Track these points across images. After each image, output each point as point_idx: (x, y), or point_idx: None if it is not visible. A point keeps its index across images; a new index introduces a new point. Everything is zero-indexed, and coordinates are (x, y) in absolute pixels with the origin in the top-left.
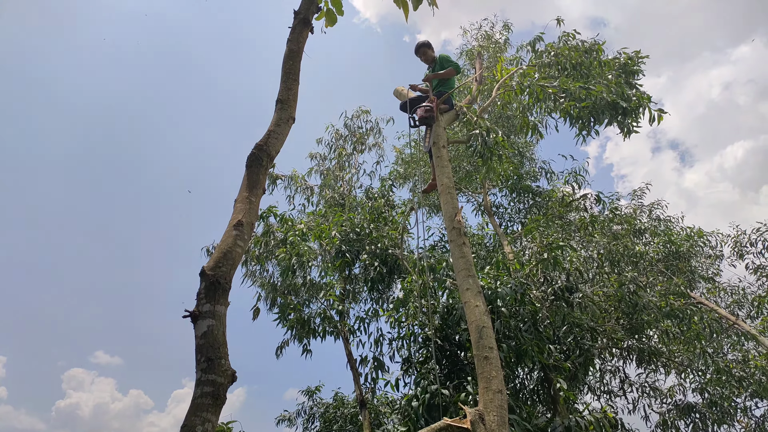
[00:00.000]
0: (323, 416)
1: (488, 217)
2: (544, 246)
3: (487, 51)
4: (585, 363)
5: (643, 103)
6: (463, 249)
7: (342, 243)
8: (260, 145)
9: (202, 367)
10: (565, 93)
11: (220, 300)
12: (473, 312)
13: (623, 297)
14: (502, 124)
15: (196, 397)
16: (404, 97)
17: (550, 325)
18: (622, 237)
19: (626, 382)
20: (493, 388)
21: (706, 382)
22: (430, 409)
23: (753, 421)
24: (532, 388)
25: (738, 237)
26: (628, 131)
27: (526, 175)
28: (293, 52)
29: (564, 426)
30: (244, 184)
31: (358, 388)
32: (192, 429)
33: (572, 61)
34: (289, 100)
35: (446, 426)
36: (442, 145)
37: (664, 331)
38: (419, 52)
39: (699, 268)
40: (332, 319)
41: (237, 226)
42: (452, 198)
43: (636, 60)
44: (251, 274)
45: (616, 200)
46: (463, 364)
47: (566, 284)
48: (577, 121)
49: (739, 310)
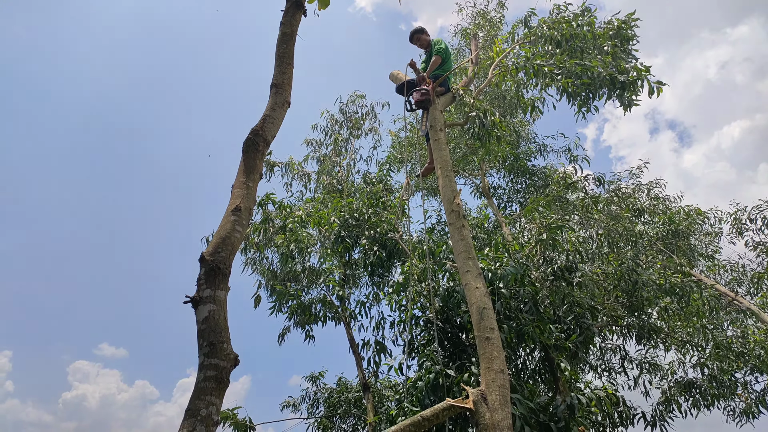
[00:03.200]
0: (327, 401)
1: (486, 199)
2: (543, 227)
3: (483, 29)
4: (585, 341)
5: (642, 75)
6: (463, 231)
7: (341, 228)
8: (256, 130)
9: (204, 351)
10: (561, 69)
11: (220, 285)
12: (474, 294)
13: (622, 275)
14: (498, 104)
15: (200, 381)
16: (400, 81)
17: (550, 305)
18: (622, 217)
19: (626, 359)
20: (495, 368)
21: (706, 358)
22: (434, 390)
23: (753, 395)
24: (534, 368)
25: (737, 214)
26: (629, 104)
27: (523, 155)
28: (286, 36)
29: (566, 404)
30: (241, 169)
31: (360, 372)
32: (196, 412)
33: (564, 33)
34: (284, 84)
35: (449, 406)
36: (439, 128)
37: (664, 307)
38: (414, 38)
39: (698, 247)
40: (333, 305)
41: (235, 212)
42: (450, 181)
43: (629, 23)
44: (251, 261)
45: (617, 180)
46: (465, 346)
47: (566, 264)
48: (576, 97)
49: (738, 287)
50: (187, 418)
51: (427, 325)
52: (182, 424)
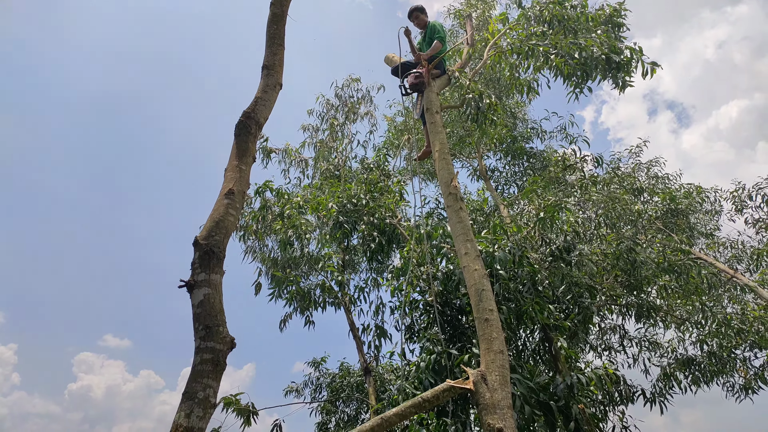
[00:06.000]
0: (330, 386)
1: (484, 181)
2: (541, 208)
3: (476, 10)
4: (584, 321)
5: (636, 56)
6: (460, 214)
7: (339, 214)
8: (248, 112)
9: (200, 335)
10: (555, 49)
11: (215, 269)
12: (472, 276)
13: (621, 254)
14: (493, 86)
15: (196, 364)
16: (395, 64)
17: (549, 285)
18: (620, 197)
19: (626, 337)
20: (495, 348)
21: (705, 335)
22: (435, 372)
23: (752, 371)
24: (534, 348)
25: (737, 192)
26: (623, 85)
27: (519, 137)
28: (276, 16)
29: (566, 383)
30: (234, 152)
31: (362, 356)
32: (193, 395)
33: (555, 13)
34: (275, 65)
35: (450, 387)
36: (435, 111)
37: (663, 286)
38: (412, 16)
39: (698, 225)
40: (332, 290)
41: (228, 195)
42: (447, 164)
43: (620, 11)
44: (251, 249)
45: (617, 160)
46: (465, 328)
47: (564, 245)
48: (570, 78)
49: (738, 264)
50: (185, 400)
51: (426, 309)
52: (180, 407)
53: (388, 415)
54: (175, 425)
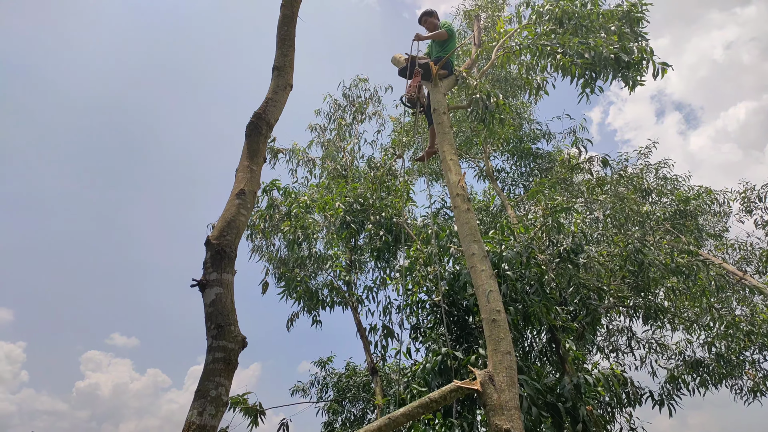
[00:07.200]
0: (336, 385)
1: (491, 182)
2: (548, 209)
3: (485, 10)
4: (592, 322)
5: (646, 56)
6: (467, 214)
7: (346, 214)
8: (259, 113)
9: (212, 334)
10: (563, 49)
11: (226, 268)
12: (479, 276)
13: (628, 256)
14: (500, 86)
15: (208, 363)
16: (401, 64)
17: (556, 286)
18: (628, 198)
19: (633, 339)
20: (502, 349)
21: (713, 337)
22: (441, 373)
23: (761, 373)
24: (541, 349)
25: (746, 193)
26: (633, 84)
27: (526, 137)
28: (287, 18)
29: (573, 384)
30: (245, 153)
31: (368, 356)
32: (206, 393)
33: (566, 9)
34: (286, 66)
35: (457, 388)
36: (442, 111)
37: (670, 287)
38: (422, 20)
39: (706, 226)
40: (340, 290)
41: (239, 195)
42: (455, 164)
43: (640, 5)
44: (258, 249)
45: (624, 161)
46: (472, 329)
47: (571, 246)
48: (580, 77)
49: (747, 265)
50: (197, 398)
51: (433, 309)
52: (192, 404)
53: (395, 414)
54: (188, 423)
